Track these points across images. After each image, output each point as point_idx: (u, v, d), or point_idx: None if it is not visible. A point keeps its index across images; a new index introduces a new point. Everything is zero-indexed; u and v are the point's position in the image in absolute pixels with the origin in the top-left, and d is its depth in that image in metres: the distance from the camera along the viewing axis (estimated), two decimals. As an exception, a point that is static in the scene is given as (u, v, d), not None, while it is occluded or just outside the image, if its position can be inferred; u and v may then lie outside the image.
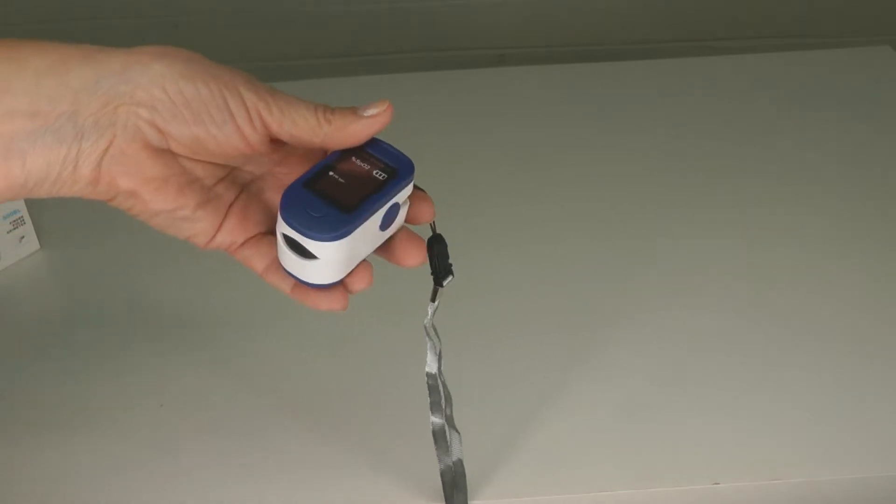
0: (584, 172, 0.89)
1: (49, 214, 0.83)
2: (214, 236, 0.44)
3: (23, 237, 0.78)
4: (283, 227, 0.41)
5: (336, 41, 1.41)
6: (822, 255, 0.77)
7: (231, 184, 0.45)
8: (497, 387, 0.65)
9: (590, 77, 1.06)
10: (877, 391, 0.64)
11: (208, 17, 1.37)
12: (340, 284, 0.43)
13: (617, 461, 0.59)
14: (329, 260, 0.41)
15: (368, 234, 0.42)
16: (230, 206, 0.44)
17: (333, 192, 0.41)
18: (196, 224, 0.43)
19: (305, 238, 0.40)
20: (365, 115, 0.42)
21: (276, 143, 0.43)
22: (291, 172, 0.45)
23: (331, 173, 0.42)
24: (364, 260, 0.44)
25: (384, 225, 0.43)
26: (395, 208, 0.43)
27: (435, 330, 0.49)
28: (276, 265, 0.44)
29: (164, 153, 0.41)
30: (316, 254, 0.41)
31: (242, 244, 0.45)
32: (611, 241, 0.80)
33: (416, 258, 0.45)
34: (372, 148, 0.43)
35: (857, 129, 0.94)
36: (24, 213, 0.77)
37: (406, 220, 0.45)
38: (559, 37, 1.43)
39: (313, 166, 0.43)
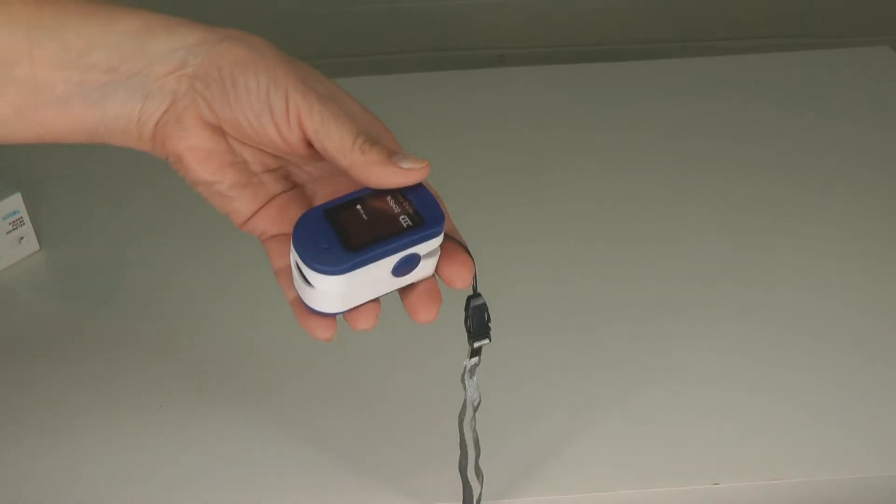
0: (585, 172, 0.89)
1: (48, 215, 0.83)
2: (249, 219, 0.45)
3: (22, 238, 0.78)
4: (291, 248, 0.41)
5: (336, 41, 1.41)
6: (822, 255, 0.77)
7: (282, 177, 0.46)
8: (496, 387, 0.65)
9: (590, 77, 1.06)
10: (876, 391, 0.64)
11: (209, 17, 1.37)
12: (335, 316, 0.42)
13: (616, 461, 0.59)
14: (324, 291, 0.41)
15: (376, 277, 0.41)
16: (274, 197, 0.45)
17: (349, 227, 0.40)
18: (231, 202, 0.45)
19: (304, 265, 0.40)
20: (399, 164, 0.41)
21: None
22: (345, 187, 0.44)
23: (357, 206, 0.41)
24: (374, 300, 0.43)
25: (399, 272, 0.41)
26: (414, 259, 0.41)
27: (476, 385, 0.48)
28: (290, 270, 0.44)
29: (214, 128, 0.43)
30: (311, 282, 0.40)
31: (273, 237, 0.46)
32: (610, 241, 0.80)
33: (426, 314, 0.43)
34: (411, 192, 0.42)
35: (856, 129, 0.94)
36: (24, 213, 0.77)
37: (443, 280, 0.43)
38: (559, 37, 1.43)
39: (347, 194, 0.42)
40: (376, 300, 0.43)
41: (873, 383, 0.64)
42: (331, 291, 0.40)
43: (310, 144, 0.42)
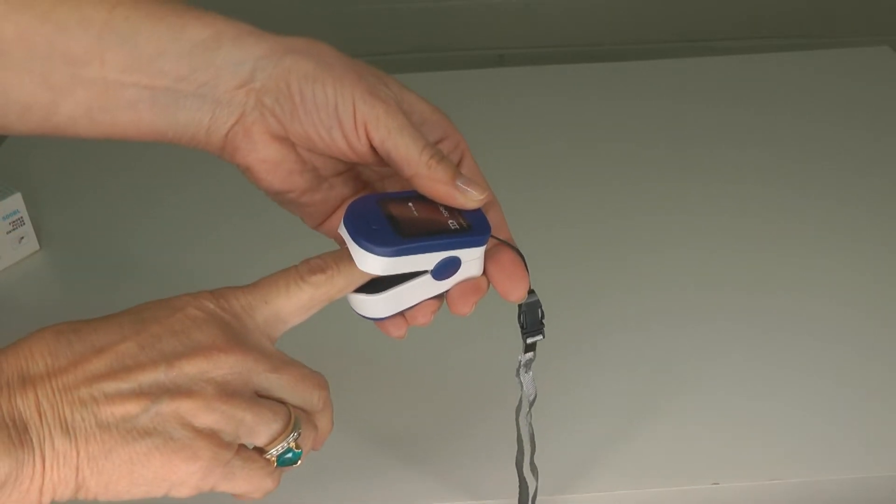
0: (584, 172, 0.89)
1: (48, 215, 0.83)
2: (323, 223, 0.46)
3: (22, 238, 0.78)
4: (340, 227, 0.42)
5: (336, 41, 1.41)
6: (821, 255, 0.77)
7: (352, 179, 0.46)
8: (495, 386, 0.65)
9: (590, 77, 1.06)
10: (876, 391, 0.64)
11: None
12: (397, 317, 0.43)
13: (616, 461, 0.59)
14: (369, 273, 0.41)
15: (417, 275, 0.41)
16: (346, 199, 0.46)
17: (399, 217, 0.41)
18: (304, 209, 0.46)
19: (352, 242, 0.41)
20: (460, 185, 0.42)
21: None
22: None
23: (410, 203, 0.42)
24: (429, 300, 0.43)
25: (439, 274, 0.42)
26: (455, 262, 0.42)
27: (532, 379, 0.49)
28: None
29: (283, 140, 0.43)
30: (357, 262, 0.41)
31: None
32: (609, 241, 0.80)
33: (463, 307, 0.43)
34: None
35: (856, 129, 0.94)
36: (24, 213, 0.77)
37: (499, 292, 0.43)
38: (559, 37, 1.43)
39: (402, 191, 0.43)
40: (431, 299, 0.43)
41: (872, 384, 0.64)
42: (373, 273, 0.41)
43: (377, 152, 0.43)
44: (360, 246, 0.40)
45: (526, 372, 0.49)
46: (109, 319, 0.39)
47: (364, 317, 0.43)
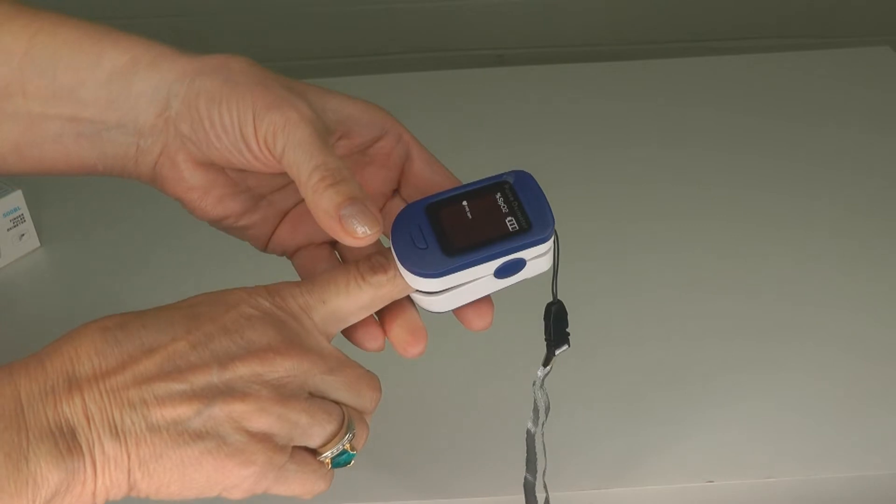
0: (584, 172, 0.89)
1: (49, 212, 0.83)
2: (268, 242, 0.44)
3: (23, 235, 0.78)
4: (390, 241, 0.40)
5: (336, 41, 1.41)
6: (820, 255, 0.77)
7: (292, 191, 0.44)
8: (493, 385, 0.65)
9: (590, 77, 1.06)
10: (870, 390, 0.64)
11: (209, 17, 1.38)
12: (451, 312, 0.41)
13: (611, 459, 0.59)
14: (422, 290, 0.39)
15: (478, 279, 0.39)
16: (287, 212, 0.44)
17: (449, 227, 0.39)
18: (245, 232, 0.44)
19: (399, 265, 0.39)
20: (344, 218, 0.37)
21: None
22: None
23: (464, 202, 0.40)
24: (487, 299, 0.41)
25: (503, 274, 0.40)
26: (519, 263, 0.39)
27: (546, 394, 0.47)
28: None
29: (208, 166, 0.41)
30: (408, 281, 0.39)
31: (297, 251, 0.44)
32: (608, 241, 0.80)
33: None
34: (524, 190, 0.40)
35: (856, 129, 0.94)
36: (25, 210, 0.78)
37: (464, 324, 0.42)
38: (559, 37, 1.43)
39: (457, 187, 0.41)
40: (488, 297, 0.41)
41: (867, 382, 0.65)
42: (427, 291, 0.39)
43: None
44: (407, 269, 0.38)
45: (541, 386, 0.48)
46: (159, 314, 0.38)
47: (425, 310, 0.41)
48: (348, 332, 0.41)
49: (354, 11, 1.39)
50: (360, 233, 0.36)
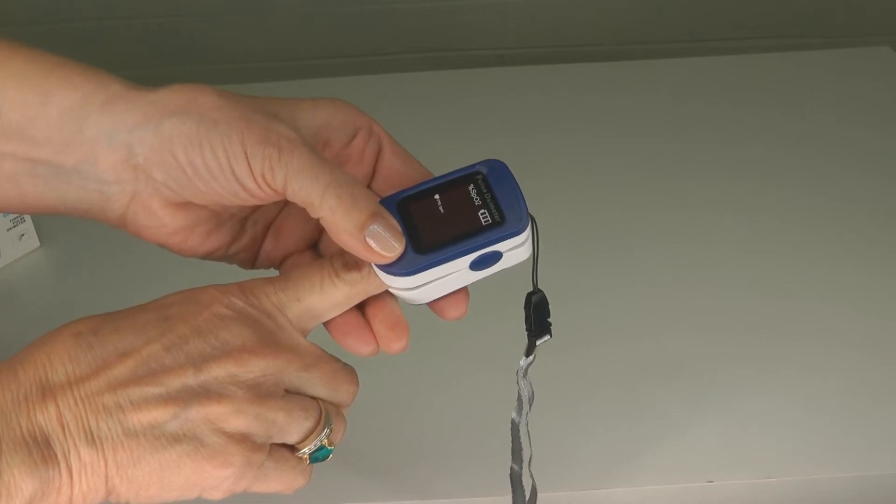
0: (584, 172, 0.89)
1: (49, 212, 0.83)
2: (255, 262, 0.44)
3: (23, 234, 0.78)
4: None
5: (336, 41, 1.41)
6: (821, 255, 0.77)
7: (279, 203, 0.43)
8: (492, 385, 0.65)
9: (590, 77, 1.06)
10: (870, 390, 0.64)
11: (209, 17, 1.38)
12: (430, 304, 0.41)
13: (611, 459, 0.59)
14: (394, 287, 0.39)
15: (453, 273, 0.39)
16: (269, 225, 0.43)
17: (421, 223, 0.38)
18: (234, 258, 0.43)
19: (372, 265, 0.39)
20: (368, 239, 0.37)
21: None
22: None
23: (436, 196, 0.39)
24: (462, 289, 0.41)
25: (478, 266, 0.39)
26: (495, 255, 0.39)
27: (529, 383, 0.47)
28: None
29: (187, 205, 0.40)
30: (382, 280, 0.39)
31: (282, 262, 0.44)
32: (608, 241, 0.80)
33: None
34: (498, 180, 0.40)
35: (857, 129, 0.94)
36: (25, 211, 0.78)
37: (437, 314, 0.41)
38: (559, 37, 1.43)
39: (427, 180, 0.40)
40: (463, 290, 0.41)
41: (867, 382, 0.65)
42: (401, 287, 0.39)
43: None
44: (379, 267, 0.38)
45: (524, 376, 0.48)
46: (131, 317, 0.37)
47: (404, 301, 0.41)
48: (340, 338, 0.41)
49: (354, 11, 1.39)
50: (387, 249, 0.37)
